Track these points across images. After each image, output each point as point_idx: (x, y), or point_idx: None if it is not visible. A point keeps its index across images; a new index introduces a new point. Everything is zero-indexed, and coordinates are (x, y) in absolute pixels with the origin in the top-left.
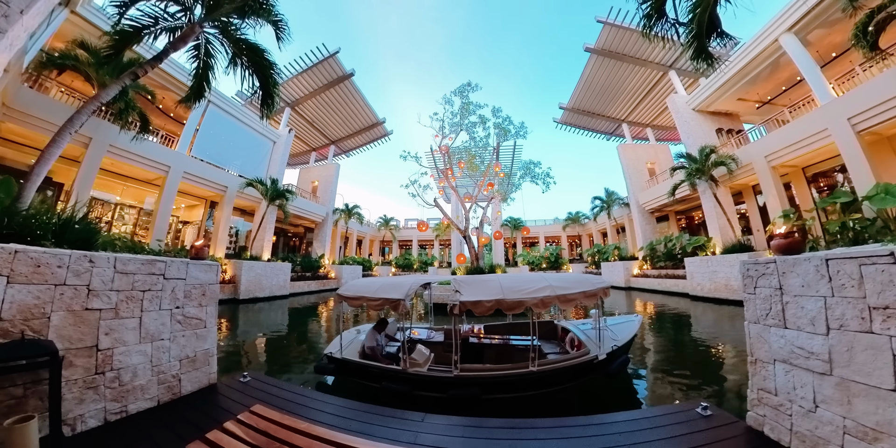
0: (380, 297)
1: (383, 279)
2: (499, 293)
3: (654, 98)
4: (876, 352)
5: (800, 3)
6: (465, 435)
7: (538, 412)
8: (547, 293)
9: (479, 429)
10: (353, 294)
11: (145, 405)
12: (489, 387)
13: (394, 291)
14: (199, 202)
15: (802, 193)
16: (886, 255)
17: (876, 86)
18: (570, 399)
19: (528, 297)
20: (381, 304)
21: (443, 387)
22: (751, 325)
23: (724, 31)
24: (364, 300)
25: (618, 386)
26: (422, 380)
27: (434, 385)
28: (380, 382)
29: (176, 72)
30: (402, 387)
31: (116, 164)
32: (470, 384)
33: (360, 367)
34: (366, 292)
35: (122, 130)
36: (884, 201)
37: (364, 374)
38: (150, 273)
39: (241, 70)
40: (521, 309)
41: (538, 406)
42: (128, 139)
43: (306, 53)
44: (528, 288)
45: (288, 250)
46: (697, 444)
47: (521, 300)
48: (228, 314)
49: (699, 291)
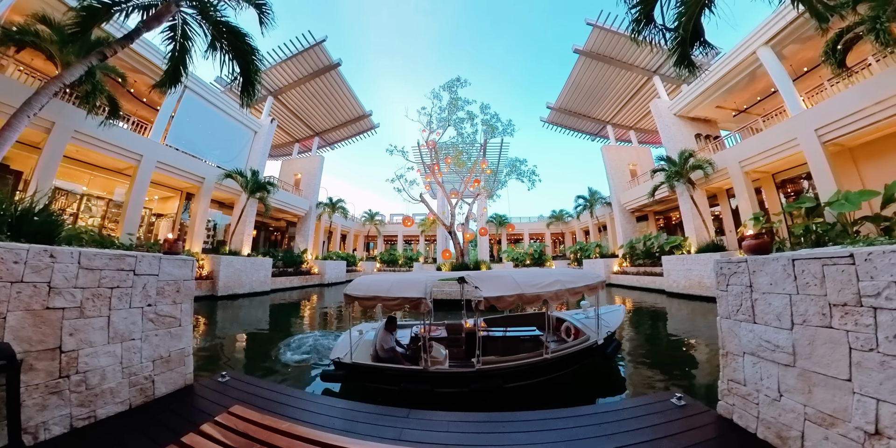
0: (398, 297)
1: (391, 276)
2: (517, 288)
3: (639, 102)
4: (834, 345)
5: (777, 19)
6: (449, 430)
7: (548, 397)
8: (558, 287)
9: (463, 423)
10: (366, 294)
11: (116, 409)
12: (508, 377)
13: (411, 289)
14: (174, 194)
15: (772, 198)
16: (846, 256)
17: (841, 100)
18: (570, 383)
19: (544, 291)
20: (400, 303)
21: (466, 382)
22: (723, 320)
23: (706, 41)
24: (379, 300)
25: (601, 378)
26: (444, 377)
27: (456, 381)
28: (398, 384)
29: (150, 54)
30: (423, 386)
31: (82, 151)
32: (492, 376)
33: (374, 370)
34: (380, 292)
35: (88, 115)
36: (843, 207)
37: (379, 378)
38: (119, 269)
39: (220, 55)
40: (539, 302)
41: (545, 393)
42: (95, 125)
43: (291, 40)
44: (540, 282)
45: (269, 245)
46: (672, 433)
47: (538, 294)
48: (206, 312)
49: (675, 288)
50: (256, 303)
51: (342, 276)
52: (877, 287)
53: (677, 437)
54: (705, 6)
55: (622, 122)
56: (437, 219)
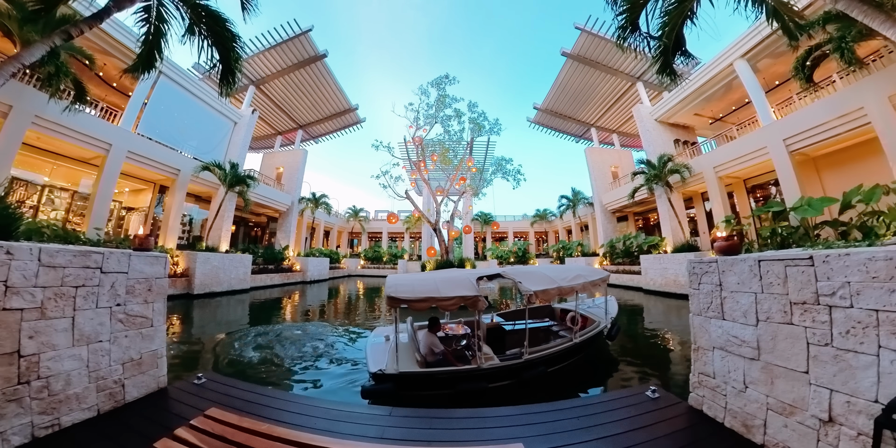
0: (454, 296)
1: (426, 276)
2: (554, 282)
3: (622, 106)
4: (794, 340)
5: (754, 34)
6: (432, 426)
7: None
8: (582, 280)
9: (446, 420)
10: (416, 296)
11: (83, 416)
12: (550, 363)
13: (461, 288)
14: (146, 186)
15: (742, 202)
16: (806, 258)
17: (808, 113)
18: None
19: (575, 284)
20: (455, 302)
21: (517, 372)
22: (695, 317)
23: (687, 50)
24: (433, 301)
25: (582, 373)
26: (498, 371)
27: (509, 373)
28: (454, 387)
29: (122, 35)
30: (480, 384)
31: (44, 138)
32: (538, 364)
33: (426, 377)
34: (429, 292)
35: (51, 99)
36: (806, 212)
37: (431, 384)
38: (85, 266)
39: (199, 40)
40: (571, 294)
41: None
42: (59, 110)
43: (275, 28)
44: (567, 276)
45: (249, 241)
46: (647, 424)
47: (571, 287)
48: (182, 311)
49: (652, 286)
50: (235, 301)
51: (325, 273)
52: (832, 287)
53: (651, 429)
54: (688, 18)
55: (606, 125)
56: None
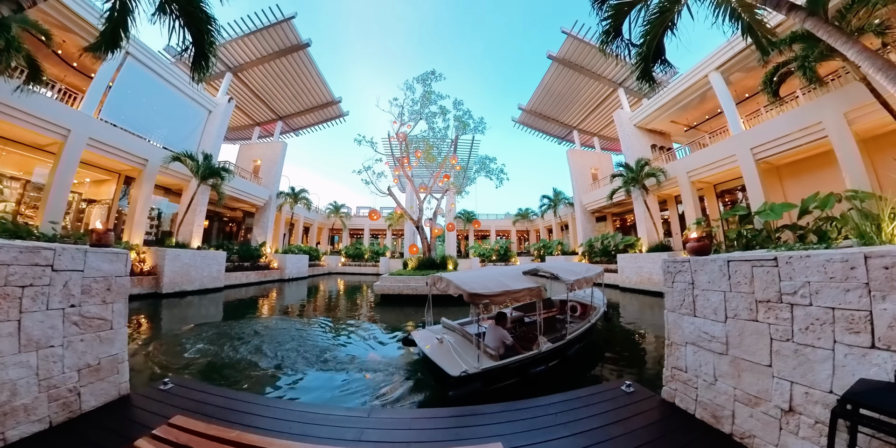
0: (522, 288)
1: (486, 272)
2: (581, 274)
3: (604, 111)
4: (759, 336)
5: (728, 48)
6: (411, 427)
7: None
8: (594, 273)
9: (426, 420)
10: (491, 291)
11: (32, 429)
12: (581, 341)
13: (523, 281)
14: (110, 177)
15: (712, 205)
16: (771, 259)
17: (773, 125)
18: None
19: (590, 275)
20: (525, 294)
21: (562, 352)
22: (669, 314)
23: (666, 59)
24: (507, 295)
25: (561, 369)
26: (553, 353)
27: (558, 353)
28: (524, 374)
29: (83, 10)
30: (542, 367)
31: None
32: (573, 343)
33: (503, 368)
34: (502, 287)
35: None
36: (769, 216)
37: (507, 374)
38: (33, 263)
39: (170, 19)
40: (590, 284)
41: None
42: (10, 90)
43: (256, 13)
44: (581, 270)
45: (223, 237)
46: (622, 418)
47: (592, 278)
48: (148, 311)
49: (628, 283)
50: (208, 300)
51: (304, 271)
52: (794, 286)
53: (626, 422)
54: (668, 28)
55: (588, 128)
56: (405, 213)
